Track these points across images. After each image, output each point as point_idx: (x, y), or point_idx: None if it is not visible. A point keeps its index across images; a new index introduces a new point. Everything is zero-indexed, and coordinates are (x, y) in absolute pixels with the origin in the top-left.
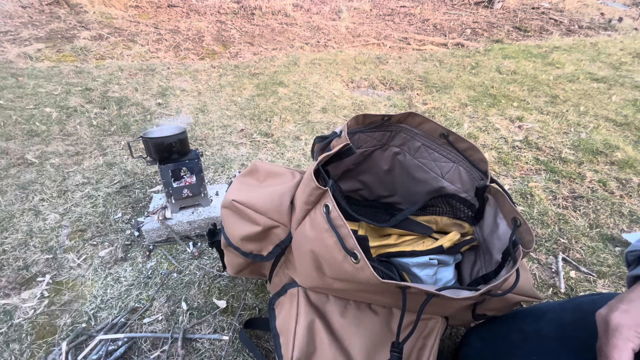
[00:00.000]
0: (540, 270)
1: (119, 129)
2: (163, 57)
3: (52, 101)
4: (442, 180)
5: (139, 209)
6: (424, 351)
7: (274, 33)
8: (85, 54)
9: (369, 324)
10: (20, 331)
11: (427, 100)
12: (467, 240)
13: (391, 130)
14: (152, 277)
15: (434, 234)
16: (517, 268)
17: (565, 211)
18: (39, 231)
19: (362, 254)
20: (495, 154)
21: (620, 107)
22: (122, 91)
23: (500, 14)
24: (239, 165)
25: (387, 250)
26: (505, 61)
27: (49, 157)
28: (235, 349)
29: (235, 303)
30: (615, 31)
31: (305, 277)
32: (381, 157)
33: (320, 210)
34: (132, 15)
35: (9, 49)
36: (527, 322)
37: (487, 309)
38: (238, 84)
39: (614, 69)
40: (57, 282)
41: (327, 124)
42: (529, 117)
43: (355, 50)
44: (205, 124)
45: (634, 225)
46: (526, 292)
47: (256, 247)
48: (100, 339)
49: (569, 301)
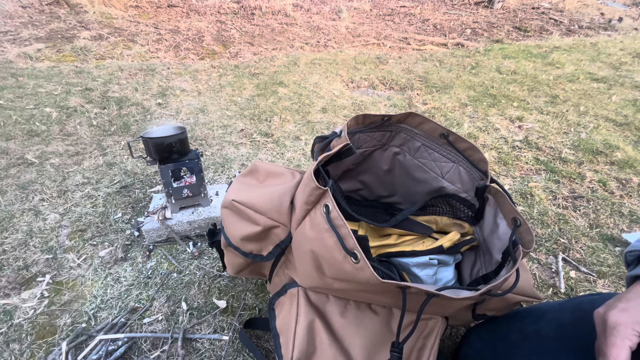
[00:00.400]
0: (540, 270)
1: (119, 129)
2: (163, 57)
3: (52, 101)
4: (442, 180)
5: (139, 209)
6: (424, 351)
7: (274, 33)
8: (85, 54)
9: (369, 324)
10: (20, 331)
11: (427, 100)
12: (467, 240)
13: (391, 131)
14: (152, 277)
15: (434, 234)
16: (517, 268)
17: (565, 211)
18: (39, 231)
19: (362, 253)
20: (495, 154)
21: (620, 107)
22: (122, 91)
23: (500, 14)
24: (239, 165)
25: (387, 250)
26: (505, 61)
27: (49, 157)
28: (235, 349)
29: (235, 303)
30: (615, 31)
31: (305, 277)
32: (381, 157)
33: (320, 210)
34: (132, 15)
35: (9, 49)
36: (527, 322)
37: (487, 309)
38: (238, 84)
39: (614, 69)
40: (57, 282)
41: (327, 124)
42: (529, 117)
43: (355, 50)
44: (205, 124)
45: (634, 225)
46: (526, 292)
47: (256, 247)
48: (100, 339)
49: (569, 301)
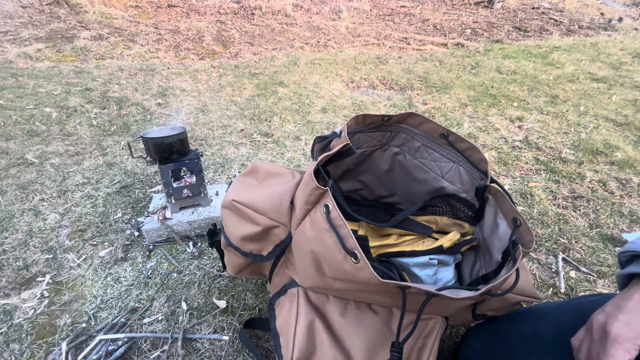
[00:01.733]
0: (540, 270)
1: (119, 129)
2: (163, 57)
3: (52, 101)
4: (442, 181)
5: (139, 209)
6: (424, 351)
7: (274, 33)
8: (85, 54)
9: (369, 324)
10: (20, 331)
11: (427, 100)
12: (467, 240)
13: (391, 131)
14: (152, 277)
15: (434, 234)
16: (517, 268)
17: (565, 211)
18: (39, 231)
19: (362, 253)
20: (495, 154)
21: (620, 107)
22: (122, 91)
23: (500, 14)
24: (239, 165)
25: (387, 250)
26: (505, 61)
27: (49, 157)
28: (235, 349)
29: (235, 303)
30: (615, 31)
31: (305, 277)
32: (381, 157)
33: (320, 210)
34: (132, 15)
35: (9, 49)
36: (527, 323)
37: (487, 309)
38: (238, 84)
39: (614, 69)
40: (57, 282)
41: (327, 124)
42: (529, 117)
43: (355, 50)
44: (205, 124)
45: (634, 225)
46: (526, 292)
47: (256, 247)
48: (100, 339)
49: (569, 302)
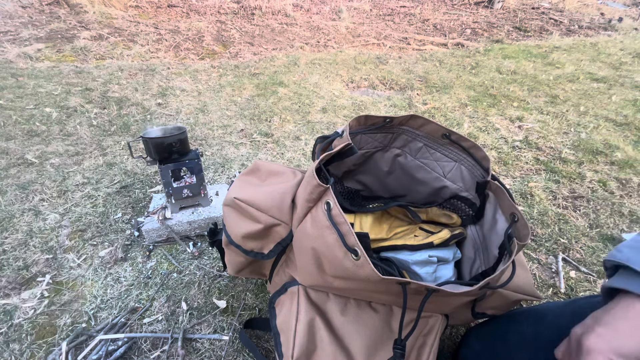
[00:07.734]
0: (540, 270)
1: (119, 129)
2: (163, 57)
3: (52, 101)
4: (444, 180)
5: (139, 209)
6: (424, 349)
7: (274, 33)
8: (85, 54)
9: (369, 322)
10: (20, 331)
11: (427, 100)
12: (455, 234)
13: (393, 132)
14: (152, 277)
15: (424, 225)
16: (512, 260)
17: (565, 211)
18: (39, 231)
19: (362, 250)
20: (495, 154)
21: (620, 107)
22: (122, 91)
23: (500, 14)
24: (239, 165)
25: (379, 244)
26: (505, 61)
27: (49, 157)
28: (235, 349)
29: (235, 303)
30: (615, 31)
31: (306, 275)
32: (382, 158)
33: (322, 207)
34: (132, 15)
35: (9, 49)
36: (526, 325)
37: (487, 307)
38: (238, 84)
39: (614, 69)
40: (57, 282)
41: (327, 124)
42: (529, 117)
43: (355, 50)
44: (205, 124)
45: (634, 225)
46: (526, 291)
47: (257, 245)
48: (100, 339)
49: (568, 303)
